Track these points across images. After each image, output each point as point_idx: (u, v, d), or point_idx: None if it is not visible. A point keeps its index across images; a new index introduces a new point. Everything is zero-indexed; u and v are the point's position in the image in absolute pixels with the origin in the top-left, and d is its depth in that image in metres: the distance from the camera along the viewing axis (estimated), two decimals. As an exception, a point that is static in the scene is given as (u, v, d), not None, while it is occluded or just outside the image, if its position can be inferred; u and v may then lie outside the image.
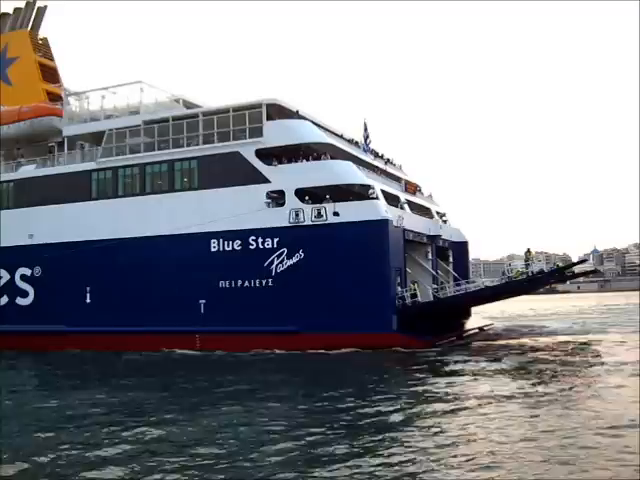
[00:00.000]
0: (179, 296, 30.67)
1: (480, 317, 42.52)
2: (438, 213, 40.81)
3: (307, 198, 28.89)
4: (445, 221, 41.07)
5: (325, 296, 28.03)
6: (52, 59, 45.23)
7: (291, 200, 29.10)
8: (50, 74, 44.00)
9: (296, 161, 29.65)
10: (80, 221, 33.29)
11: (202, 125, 31.51)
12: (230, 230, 29.91)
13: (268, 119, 30.39)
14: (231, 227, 29.87)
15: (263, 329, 28.72)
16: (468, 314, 39.51)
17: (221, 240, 30.25)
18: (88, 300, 32.88)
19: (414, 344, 26.68)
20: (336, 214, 28.18)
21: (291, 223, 28.90)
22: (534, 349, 26.49)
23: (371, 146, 36.37)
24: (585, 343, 28.00)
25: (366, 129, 35.51)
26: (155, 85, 34.73)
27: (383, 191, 30.59)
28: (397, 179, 35.87)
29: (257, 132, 30.20)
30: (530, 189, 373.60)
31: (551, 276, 29.67)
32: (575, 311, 60.65)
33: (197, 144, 31.48)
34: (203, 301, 30.47)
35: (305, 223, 28.69)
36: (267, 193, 29.51)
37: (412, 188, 36.14)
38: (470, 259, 44.70)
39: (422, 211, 36.89)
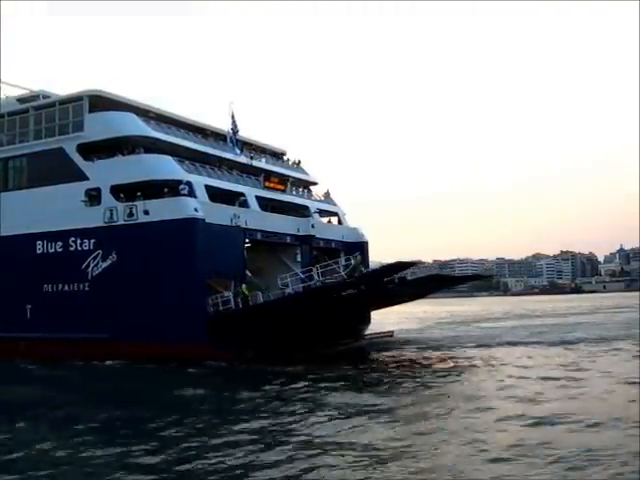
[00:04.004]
0: (9, 300, 29.18)
1: (381, 323, 39.76)
2: (334, 213, 38.02)
3: (122, 195, 26.87)
4: (340, 221, 38.29)
5: (137, 302, 25.92)
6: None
7: (107, 198, 27.14)
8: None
9: (113, 156, 27.66)
10: None
11: (33, 120, 29.94)
12: (53, 231, 28.25)
13: (93, 112, 28.53)
14: (54, 228, 28.22)
15: (81, 336, 26.81)
16: (366, 320, 36.48)
17: (45, 241, 28.58)
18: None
19: (220, 357, 24.09)
20: (146, 213, 26.05)
21: (106, 223, 26.95)
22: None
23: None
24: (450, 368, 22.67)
25: (234, 120, 33.05)
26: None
27: (215, 187, 28.28)
28: (260, 174, 33.00)
29: (79, 126, 28.39)
30: (556, 187, 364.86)
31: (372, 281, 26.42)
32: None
33: (29, 140, 29.96)
34: (29, 306, 28.86)
35: (118, 223, 26.69)
36: (86, 191, 27.68)
37: (279, 185, 33.33)
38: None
39: (295, 210, 34.17)
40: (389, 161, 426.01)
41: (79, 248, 27.59)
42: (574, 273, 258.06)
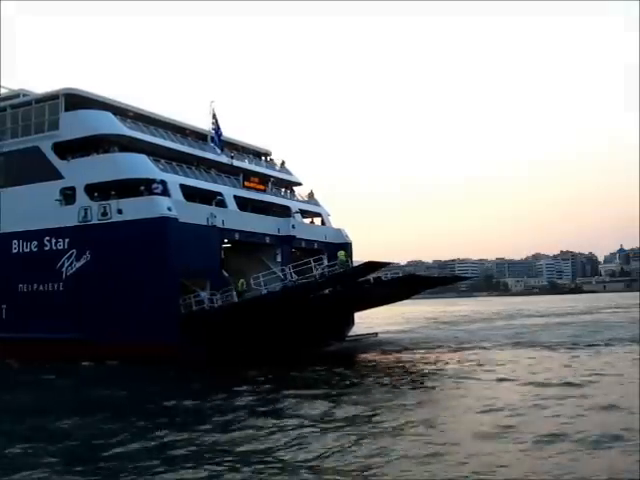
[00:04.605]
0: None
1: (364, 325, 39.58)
2: (317, 214, 37.70)
3: (96, 194, 26.72)
4: (323, 222, 38.00)
5: (110, 302, 25.73)
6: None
7: (81, 197, 27.01)
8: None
9: (89, 155, 27.50)
10: None
11: (10, 119, 29.82)
12: (28, 230, 28.14)
13: (70, 111, 28.35)
14: (29, 227, 28.11)
15: (54, 337, 26.60)
16: (349, 321, 36.18)
17: (21, 241, 28.46)
18: None
19: (191, 358, 23.79)
20: (120, 212, 25.87)
21: (80, 222, 26.79)
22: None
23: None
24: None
25: (215, 119, 32.79)
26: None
27: (191, 187, 28.07)
28: (240, 174, 32.74)
29: (55, 125, 28.26)
30: (556, 186, 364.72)
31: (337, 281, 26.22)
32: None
33: (6, 139, 29.83)
34: (4, 306, 28.75)
35: (92, 222, 26.53)
36: (61, 190, 27.54)
37: (259, 185, 33.07)
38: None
39: (276, 210, 33.90)
40: (387, 159, 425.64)
41: (54, 247, 27.45)
42: (574, 273, 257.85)
